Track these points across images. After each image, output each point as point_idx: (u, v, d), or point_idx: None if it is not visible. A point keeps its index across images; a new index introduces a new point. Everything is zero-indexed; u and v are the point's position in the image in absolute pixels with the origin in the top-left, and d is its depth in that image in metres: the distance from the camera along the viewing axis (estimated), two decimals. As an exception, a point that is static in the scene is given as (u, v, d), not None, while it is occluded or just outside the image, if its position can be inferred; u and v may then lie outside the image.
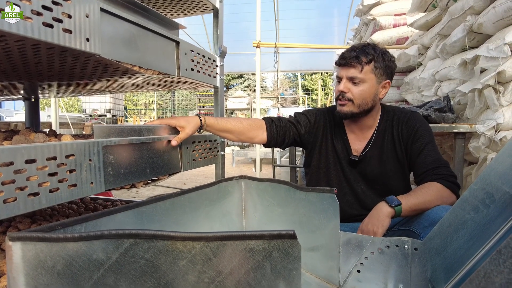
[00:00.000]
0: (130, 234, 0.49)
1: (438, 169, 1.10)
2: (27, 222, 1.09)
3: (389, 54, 1.21)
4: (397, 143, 1.23)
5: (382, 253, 0.85)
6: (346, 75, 1.18)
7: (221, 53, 1.46)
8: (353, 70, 1.16)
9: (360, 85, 1.17)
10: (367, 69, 1.16)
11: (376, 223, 1.00)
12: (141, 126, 0.96)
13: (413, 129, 1.20)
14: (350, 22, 8.38)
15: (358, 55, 1.15)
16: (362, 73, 1.15)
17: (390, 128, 1.25)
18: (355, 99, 1.18)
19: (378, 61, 1.16)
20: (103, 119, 10.49)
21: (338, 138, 1.31)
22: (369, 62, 1.15)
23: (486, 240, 0.66)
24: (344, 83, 1.18)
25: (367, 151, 1.26)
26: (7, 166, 0.57)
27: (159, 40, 1.03)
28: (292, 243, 0.49)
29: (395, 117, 1.26)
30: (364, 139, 1.28)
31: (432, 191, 1.05)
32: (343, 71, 1.19)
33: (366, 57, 1.15)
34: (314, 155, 1.35)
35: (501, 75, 1.59)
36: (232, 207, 1.12)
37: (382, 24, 3.52)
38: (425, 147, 1.16)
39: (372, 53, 1.16)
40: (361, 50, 1.16)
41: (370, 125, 1.27)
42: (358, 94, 1.17)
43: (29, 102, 1.75)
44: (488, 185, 0.69)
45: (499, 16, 1.69)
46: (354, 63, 1.15)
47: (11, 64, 0.89)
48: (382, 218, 1.00)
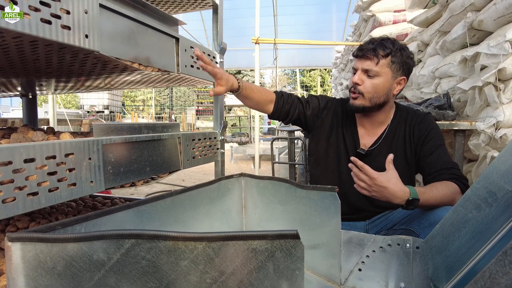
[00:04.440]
0: (131, 235, 0.48)
1: (453, 170, 1.09)
2: (25, 220, 1.08)
3: (408, 50, 1.19)
4: (408, 143, 1.21)
5: (383, 251, 0.85)
6: (361, 66, 1.16)
7: (221, 49, 1.44)
8: (369, 62, 1.14)
9: (374, 78, 1.15)
10: (383, 63, 1.14)
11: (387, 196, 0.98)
12: (140, 124, 0.95)
13: (425, 131, 1.19)
14: (349, 19, 8.36)
15: (375, 47, 1.13)
16: (378, 66, 1.14)
17: (402, 128, 1.24)
18: (366, 92, 1.16)
19: (396, 55, 1.14)
20: (101, 115, 10.45)
21: (348, 130, 1.29)
22: (386, 56, 1.13)
23: (488, 239, 0.66)
24: (359, 75, 1.17)
25: (375, 147, 1.24)
26: (6, 165, 0.56)
27: (158, 36, 1.02)
28: (295, 243, 0.48)
29: (408, 118, 1.24)
30: (374, 135, 1.26)
31: (449, 191, 1.03)
32: (359, 62, 1.17)
33: (383, 50, 1.13)
34: (321, 141, 1.32)
35: (502, 73, 1.58)
36: (232, 205, 1.12)
37: (381, 20, 3.51)
38: (437, 149, 1.15)
39: (390, 47, 1.14)
40: (379, 43, 1.15)
41: (382, 121, 1.25)
42: (371, 87, 1.15)
43: (26, 99, 1.74)
44: (491, 184, 0.69)
45: (500, 13, 1.68)
46: (370, 55, 1.14)
47: (9, 61, 0.87)
48: (396, 195, 0.97)
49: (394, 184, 0.98)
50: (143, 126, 0.96)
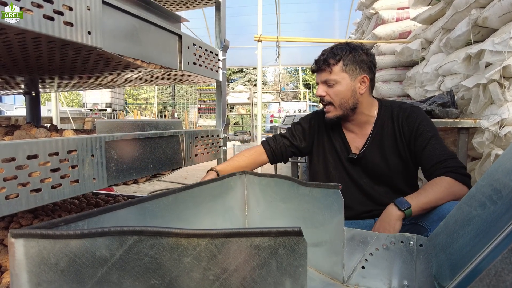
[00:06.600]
0: (134, 231, 0.48)
1: (446, 162, 1.08)
2: (29, 217, 1.09)
3: (362, 47, 1.22)
4: (398, 139, 1.21)
5: (387, 249, 0.84)
6: (320, 79, 1.22)
7: (224, 47, 1.44)
8: (324, 73, 1.20)
9: (334, 87, 1.20)
10: (337, 69, 1.18)
11: (387, 227, 0.99)
12: (143, 121, 0.95)
13: (414, 125, 1.18)
14: (351, 16, 8.32)
15: (326, 58, 1.19)
16: (332, 74, 1.19)
17: (389, 123, 1.24)
18: (333, 101, 1.21)
19: (347, 58, 1.18)
20: (103, 113, 10.48)
21: (337, 137, 1.31)
22: (337, 62, 1.18)
23: (492, 237, 0.65)
24: (321, 87, 1.22)
25: (365, 147, 1.25)
26: (9, 162, 0.56)
27: (161, 33, 1.02)
28: (298, 240, 0.48)
29: (394, 113, 1.24)
30: (364, 136, 1.27)
31: (442, 187, 1.02)
32: (318, 76, 1.24)
33: (333, 58, 1.18)
34: (313, 157, 1.37)
35: (506, 70, 1.57)
36: (234, 203, 1.12)
37: (384, 18, 3.48)
38: (429, 141, 1.14)
39: (339, 53, 1.18)
40: (330, 52, 1.20)
41: (366, 121, 1.26)
42: (335, 95, 1.20)
43: (29, 97, 1.74)
44: (496, 182, 0.68)
45: (505, 9, 1.66)
46: (324, 66, 1.19)
47: (12, 58, 0.88)
48: (393, 222, 0.99)
49: (381, 219, 1.03)
50: (146, 124, 0.96)
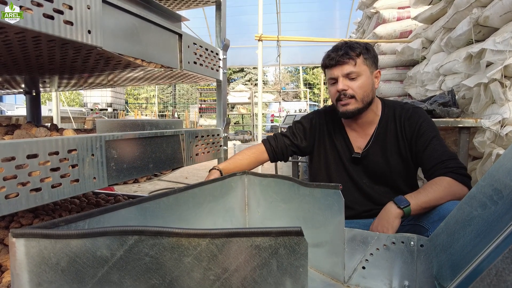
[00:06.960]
0: (134, 231, 0.48)
1: (447, 162, 1.08)
2: (29, 217, 1.09)
3: (371, 44, 1.24)
4: (400, 140, 1.21)
5: (387, 249, 0.84)
6: (341, 73, 1.17)
7: (224, 46, 1.44)
8: (347, 66, 1.16)
9: (358, 79, 1.17)
10: (360, 62, 1.17)
11: (386, 225, 0.99)
12: (143, 120, 0.95)
13: (416, 125, 1.19)
14: (352, 16, 8.31)
15: (346, 51, 1.17)
16: (356, 66, 1.16)
17: (392, 124, 1.24)
18: (357, 94, 1.17)
19: (366, 52, 1.18)
20: (104, 113, 10.48)
21: (339, 136, 1.31)
22: (359, 55, 1.17)
23: (493, 237, 0.65)
24: (342, 81, 1.18)
25: (369, 147, 1.24)
26: (9, 161, 0.56)
27: (161, 32, 1.01)
28: (299, 240, 0.48)
29: (396, 113, 1.24)
30: (366, 136, 1.27)
31: (442, 187, 1.02)
32: (337, 70, 1.18)
33: (354, 51, 1.16)
34: (314, 157, 1.36)
35: (508, 69, 1.57)
36: (235, 203, 1.12)
37: (385, 17, 3.48)
38: (430, 142, 1.14)
39: (358, 47, 1.17)
40: (347, 46, 1.18)
41: (371, 121, 1.26)
42: (359, 88, 1.17)
43: (30, 96, 1.74)
44: (496, 182, 0.68)
45: (506, 8, 1.66)
46: (346, 59, 1.16)
47: (12, 57, 0.87)
48: (392, 219, 0.99)
49: (380, 217, 1.03)
50: (146, 123, 0.96)
